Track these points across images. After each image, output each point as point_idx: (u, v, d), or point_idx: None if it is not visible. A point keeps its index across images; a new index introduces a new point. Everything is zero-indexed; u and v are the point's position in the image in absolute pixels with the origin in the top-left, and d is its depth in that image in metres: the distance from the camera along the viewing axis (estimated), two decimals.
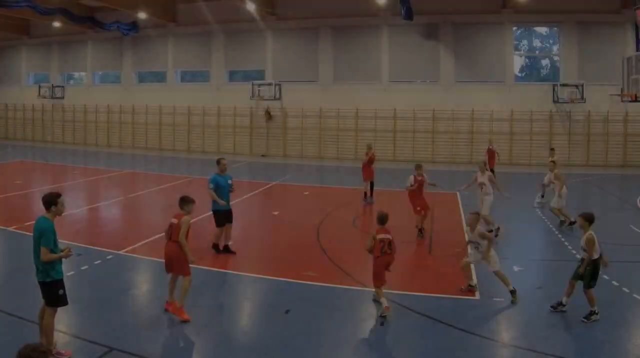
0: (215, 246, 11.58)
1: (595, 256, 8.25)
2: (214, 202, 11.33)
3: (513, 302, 8.85)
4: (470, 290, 9.49)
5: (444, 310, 8.63)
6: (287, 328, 7.87)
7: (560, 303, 8.52)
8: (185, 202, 8.49)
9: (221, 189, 11.34)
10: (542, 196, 17.91)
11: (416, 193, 13.44)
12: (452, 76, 30.64)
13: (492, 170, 22.72)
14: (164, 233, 8.68)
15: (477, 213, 9.76)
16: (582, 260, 8.40)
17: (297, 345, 7.36)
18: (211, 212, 11.65)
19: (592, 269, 8.24)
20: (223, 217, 11.46)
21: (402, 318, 8.40)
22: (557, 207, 14.70)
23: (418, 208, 13.32)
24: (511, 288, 8.97)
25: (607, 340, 7.64)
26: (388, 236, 8.81)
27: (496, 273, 9.12)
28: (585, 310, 8.23)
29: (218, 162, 11.73)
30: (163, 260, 8.38)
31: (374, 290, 8.80)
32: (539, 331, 7.91)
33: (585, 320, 8.15)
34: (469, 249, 10.20)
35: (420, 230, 13.28)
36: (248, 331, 8.13)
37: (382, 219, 8.99)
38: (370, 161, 18.29)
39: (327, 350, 7.34)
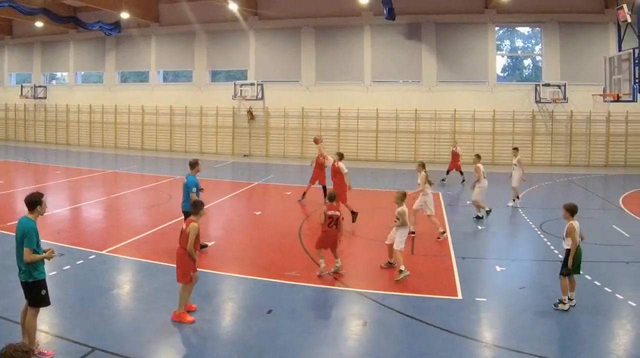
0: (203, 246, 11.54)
1: (574, 245, 8.56)
2: (188, 203, 10.79)
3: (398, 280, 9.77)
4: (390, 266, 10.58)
5: (427, 309, 8.59)
6: (269, 328, 7.82)
7: (568, 299, 8.64)
8: (194, 206, 8.32)
9: (199, 192, 11.19)
10: (518, 197, 17.78)
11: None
12: (434, 76, 30.42)
13: (460, 172, 22.76)
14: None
15: (404, 193, 10.62)
16: (568, 250, 8.62)
17: (280, 345, 7.31)
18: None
19: (568, 257, 8.57)
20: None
21: (384, 318, 8.36)
22: (476, 199, 15.28)
23: None
24: (401, 268, 9.89)
25: (590, 340, 7.62)
26: (336, 213, 10.01)
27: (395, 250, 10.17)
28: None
29: (197, 163, 11.43)
30: (147, 260, 8.61)
31: (362, 290, 9.22)
32: (523, 331, 7.85)
33: (554, 307, 8.55)
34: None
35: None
36: (230, 331, 8.03)
37: (332, 197, 10.24)
38: (319, 165, 17.30)
39: (309, 350, 7.28)
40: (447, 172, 23.15)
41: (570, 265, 8.49)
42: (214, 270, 10.43)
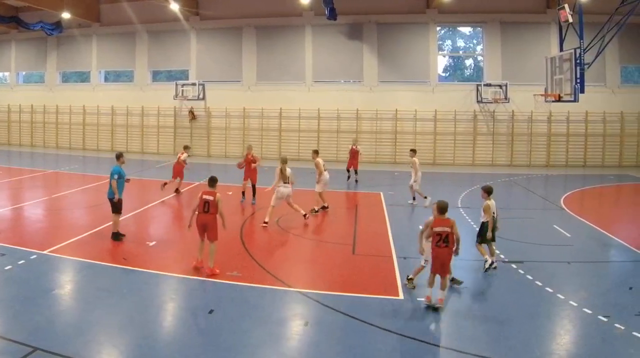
0: (115, 233, 12.08)
1: (487, 219, 10.24)
2: (112, 191, 12.01)
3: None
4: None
5: (368, 309, 8.48)
6: (211, 329, 7.75)
7: (491, 263, 10.20)
8: (215, 181, 10.32)
9: (121, 180, 12.10)
10: (426, 197, 17.25)
11: None
12: (375, 76, 29.71)
13: (355, 171, 22.15)
14: (196, 208, 10.18)
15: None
16: (482, 223, 10.36)
17: (221, 345, 7.20)
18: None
19: (483, 229, 10.32)
20: (121, 204, 12.16)
21: (326, 318, 8.26)
22: (318, 191, 15.59)
23: None
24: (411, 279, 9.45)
25: (531, 340, 7.49)
26: (446, 229, 8.60)
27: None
28: (511, 307, 8.64)
29: (121, 155, 12.49)
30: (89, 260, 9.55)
31: (304, 290, 9.15)
32: (465, 331, 7.82)
33: (485, 270, 10.07)
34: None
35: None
36: (172, 331, 7.90)
37: (443, 209, 8.81)
38: (248, 162, 17.00)
39: (250, 349, 7.16)
40: (347, 170, 22.38)
41: (489, 236, 10.19)
42: (155, 270, 10.29)
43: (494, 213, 10.23)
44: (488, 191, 10.40)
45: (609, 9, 21.64)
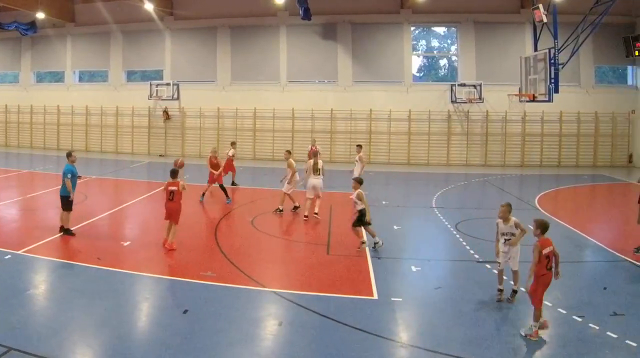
0: (67, 229, 12.22)
1: (362, 207, 11.37)
2: (65, 188, 12.15)
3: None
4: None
5: (342, 309, 8.43)
6: (185, 329, 7.63)
7: (375, 243, 11.57)
8: (176, 173, 11.52)
9: (74, 178, 12.30)
10: None
11: None
12: (350, 76, 29.41)
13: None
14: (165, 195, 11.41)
15: (509, 204, 8.82)
16: (360, 211, 11.40)
17: (195, 345, 7.12)
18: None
19: (362, 215, 11.40)
20: (71, 202, 12.27)
21: (300, 318, 8.20)
22: (286, 191, 15.34)
23: None
24: (515, 288, 8.75)
25: (507, 340, 7.41)
26: (551, 249, 7.52)
27: (514, 272, 8.73)
28: (485, 307, 8.51)
29: (70, 154, 12.62)
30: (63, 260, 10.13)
31: (279, 290, 9.06)
32: (438, 331, 7.76)
33: (374, 248, 11.48)
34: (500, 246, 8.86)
35: None
36: (146, 331, 7.83)
37: (545, 228, 7.63)
38: (212, 165, 17.07)
39: (225, 350, 7.09)
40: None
41: (368, 220, 11.39)
42: (129, 270, 10.19)
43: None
44: (359, 182, 11.72)
45: (583, 9, 21.53)
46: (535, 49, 23.06)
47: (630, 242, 12.26)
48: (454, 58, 30.37)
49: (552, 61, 20.67)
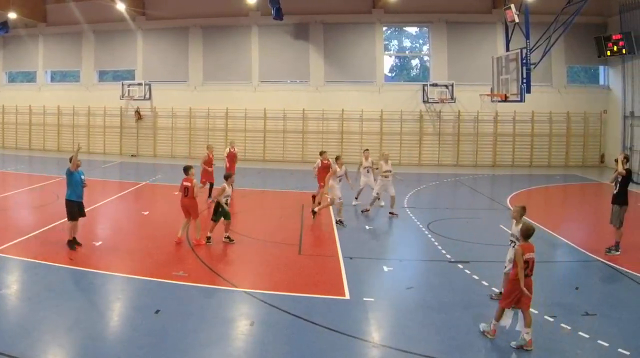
0: (72, 242, 11.24)
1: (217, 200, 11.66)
2: (71, 191, 11.24)
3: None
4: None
5: (314, 309, 8.38)
6: (157, 329, 7.59)
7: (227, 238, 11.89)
8: (190, 168, 11.80)
9: (76, 184, 11.31)
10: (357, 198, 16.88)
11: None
12: (322, 76, 29.01)
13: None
14: (179, 192, 12.04)
15: (523, 208, 8.34)
16: (217, 203, 11.65)
17: (167, 345, 7.07)
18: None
19: (218, 209, 11.60)
20: (77, 210, 11.35)
21: (272, 318, 8.13)
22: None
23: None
24: None
25: (479, 340, 7.35)
26: (532, 255, 7.27)
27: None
28: (457, 307, 8.44)
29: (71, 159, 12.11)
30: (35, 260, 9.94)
31: (250, 290, 8.98)
32: (410, 331, 7.73)
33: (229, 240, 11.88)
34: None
35: None
36: (117, 331, 7.73)
37: (529, 234, 7.33)
38: (208, 162, 17.23)
39: (197, 350, 7.02)
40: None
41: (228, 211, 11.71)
42: (101, 270, 10.07)
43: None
44: (226, 177, 12.06)
45: (555, 9, 21.24)
46: (507, 49, 22.73)
47: (602, 242, 12.12)
48: (425, 58, 30.04)
49: (524, 61, 20.34)
